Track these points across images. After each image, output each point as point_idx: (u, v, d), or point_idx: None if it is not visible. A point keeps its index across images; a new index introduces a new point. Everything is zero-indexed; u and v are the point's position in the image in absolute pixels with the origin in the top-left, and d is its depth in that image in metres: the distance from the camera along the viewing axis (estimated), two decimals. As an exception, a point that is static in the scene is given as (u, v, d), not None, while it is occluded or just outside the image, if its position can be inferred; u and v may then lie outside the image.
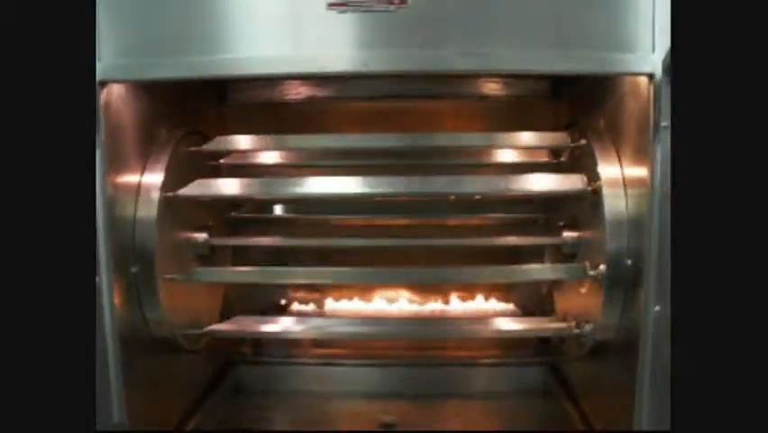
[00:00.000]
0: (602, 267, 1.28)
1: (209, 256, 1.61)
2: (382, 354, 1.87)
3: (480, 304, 1.93)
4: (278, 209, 1.95)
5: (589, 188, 1.34)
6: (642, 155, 1.14)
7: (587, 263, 1.39)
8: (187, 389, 1.62)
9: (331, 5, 1.11)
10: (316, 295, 1.95)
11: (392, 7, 1.09)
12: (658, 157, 1.06)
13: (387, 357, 1.86)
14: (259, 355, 1.91)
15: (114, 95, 1.22)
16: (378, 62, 1.12)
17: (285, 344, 1.92)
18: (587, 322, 1.37)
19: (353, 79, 1.72)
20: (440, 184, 1.45)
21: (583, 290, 1.43)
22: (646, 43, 1.09)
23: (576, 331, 1.40)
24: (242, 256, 1.80)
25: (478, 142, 1.61)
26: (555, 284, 1.71)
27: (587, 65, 1.12)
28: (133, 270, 1.31)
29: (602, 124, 1.37)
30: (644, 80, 1.10)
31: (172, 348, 1.46)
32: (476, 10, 1.11)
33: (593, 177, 1.33)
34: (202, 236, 1.56)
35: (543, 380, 1.80)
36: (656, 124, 1.06)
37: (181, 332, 1.45)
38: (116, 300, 1.22)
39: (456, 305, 1.93)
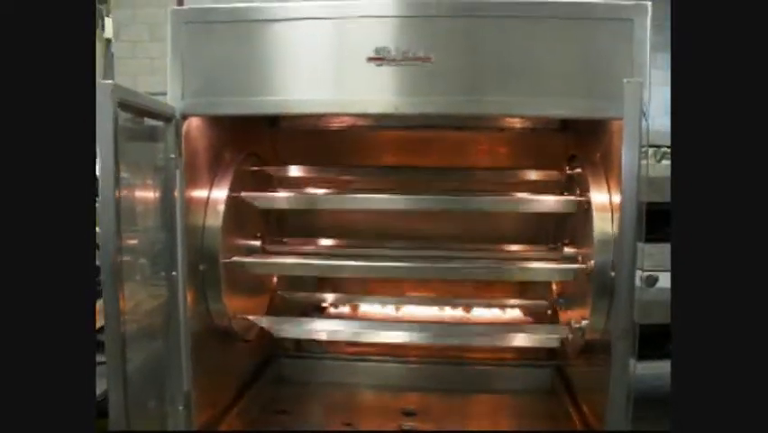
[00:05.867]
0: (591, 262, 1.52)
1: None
2: (408, 353, 2.10)
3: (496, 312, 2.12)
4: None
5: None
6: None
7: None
8: (237, 375, 1.88)
9: (370, 59, 1.37)
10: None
11: (419, 62, 1.35)
12: (628, 183, 1.27)
13: (412, 356, 2.09)
14: (299, 350, 2.16)
15: (192, 126, 1.50)
16: (406, 106, 1.38)
17: (321, 341, 2.13)
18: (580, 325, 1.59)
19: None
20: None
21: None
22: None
23: (570, 336, 1.63)
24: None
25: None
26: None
27: (570, 110, 1.37)
28: (201, 268, 1.58)
29: (597, 157, 1.59)
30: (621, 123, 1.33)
31: (228, 336, 1.73)
32: (484, 66, 1.36)
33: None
34: (256, 243, 1.83)
35: (549, 380, 2.02)
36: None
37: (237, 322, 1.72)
38: (188, 293, 1.49)
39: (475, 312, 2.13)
